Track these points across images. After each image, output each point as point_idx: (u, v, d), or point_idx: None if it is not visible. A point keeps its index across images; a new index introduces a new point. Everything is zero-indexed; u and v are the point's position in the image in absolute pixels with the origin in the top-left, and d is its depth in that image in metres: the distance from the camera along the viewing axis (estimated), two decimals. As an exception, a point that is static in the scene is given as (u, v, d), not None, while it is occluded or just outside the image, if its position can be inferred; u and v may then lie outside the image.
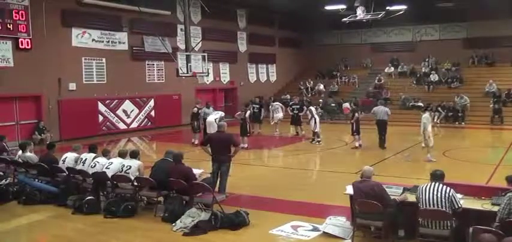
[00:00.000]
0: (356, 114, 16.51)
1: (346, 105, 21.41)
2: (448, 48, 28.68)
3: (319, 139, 17.52)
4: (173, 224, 7.73)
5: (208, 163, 9.64)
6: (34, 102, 18.63)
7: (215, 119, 16.38)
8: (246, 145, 16.36)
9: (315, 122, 17.34)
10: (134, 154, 9.34)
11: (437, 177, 6.50)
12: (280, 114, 20.40)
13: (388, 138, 16.29)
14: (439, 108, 23.69)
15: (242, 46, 28.68)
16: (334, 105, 26.39)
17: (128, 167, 8.87)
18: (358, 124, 16.36)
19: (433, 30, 30.27)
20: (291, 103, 20.68)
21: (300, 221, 7.87)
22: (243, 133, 16.46)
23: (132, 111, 22.18)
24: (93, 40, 20.27)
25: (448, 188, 6.31)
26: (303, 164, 15.12)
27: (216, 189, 8.95)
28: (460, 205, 6.26)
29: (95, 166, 9.28)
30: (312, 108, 17.90)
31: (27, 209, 9.08)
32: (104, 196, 9.12)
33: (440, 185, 6.35)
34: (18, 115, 18.10)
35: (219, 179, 9.33)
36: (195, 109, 17.62)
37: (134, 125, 22.26)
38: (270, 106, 21.21)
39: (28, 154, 10.80)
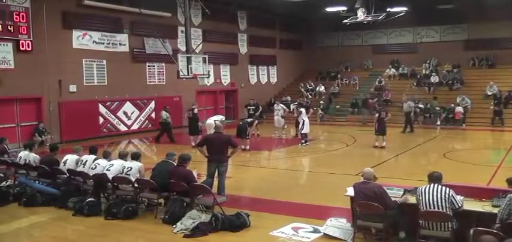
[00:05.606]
0: (376, 114, 16.43)
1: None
2: (449, 50, 28.69)
3: (306, 140, 17.42)
4: (174, 226, 7.74)
5: (204, 164, 9.60)
6: (35, 103, 18.60)
7: (215, 121, 16.39)
8: (248, 147, 16.37)
9: (303, 124, 17.28)
10: (135, 156, 9.33)
11: (435, 178, 6.49)
12: (280, 118, 20.12)
13: (388, 139, 16.42)
14: (440, 110, 23.65)
15: (243, 48, 28.66)
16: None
17: (129, 169, 8.86)
18: (382, 124, 16.25)
19: (434, 32, 30.26)
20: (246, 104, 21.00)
21: (301, 222, 7.86)
22: (243, 135, 16.44)
23: (133, 112, 22.16)
24: (93, 42, 20.25)
25: (447, 188, 6.31)
26: (303, 165, 15.15)
27: (214, 190, 8.91)
28: (460, 205, 6.27)
29: (95, 167, 9.28)
30: (303, 110, 17.84)
31: (27, 211, 9.06)
32: (104, 198, 9.12)
33: (439, 186, 6.35)
34: (18, 117, 18.07)
35: (218, 180, 9.32)
36: (196, 110, 17.66)
37: (135, 127, 22.24)
38: (275, 106, 21.01)
39: (32, 155, 10.82)
